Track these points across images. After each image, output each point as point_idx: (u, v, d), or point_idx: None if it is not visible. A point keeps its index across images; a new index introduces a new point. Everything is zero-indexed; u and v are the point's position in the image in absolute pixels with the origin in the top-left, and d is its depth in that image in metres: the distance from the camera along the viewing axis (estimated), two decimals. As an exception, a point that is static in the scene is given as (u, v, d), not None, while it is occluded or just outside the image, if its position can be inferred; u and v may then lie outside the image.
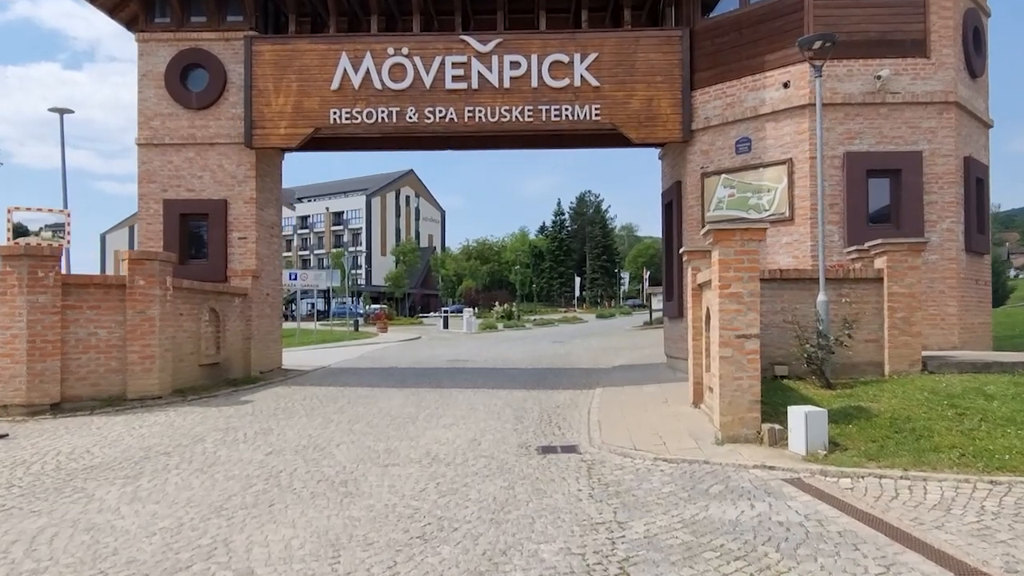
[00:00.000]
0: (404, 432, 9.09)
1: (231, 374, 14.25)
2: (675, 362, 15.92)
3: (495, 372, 16.89)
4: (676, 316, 15.54)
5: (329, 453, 7.85)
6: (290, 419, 10.07)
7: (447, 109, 14.89)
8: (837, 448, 7.09)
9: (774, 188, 13.37)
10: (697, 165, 14.59)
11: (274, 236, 16.76)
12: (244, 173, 15.43)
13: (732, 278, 7.82)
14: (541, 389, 13.44)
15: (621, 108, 14.70)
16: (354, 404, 11.52)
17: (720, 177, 14.17)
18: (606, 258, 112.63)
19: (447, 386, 13.96)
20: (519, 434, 9.00)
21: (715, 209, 14.25)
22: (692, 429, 8.77)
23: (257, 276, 15.40)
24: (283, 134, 15.09)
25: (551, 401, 11.87)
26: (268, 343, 16.25)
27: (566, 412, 10.76)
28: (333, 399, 12.11)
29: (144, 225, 15.49)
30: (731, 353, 7.80)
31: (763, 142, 13.56)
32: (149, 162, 15.49)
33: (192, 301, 12.78)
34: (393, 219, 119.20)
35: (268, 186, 16.32)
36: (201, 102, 15.37)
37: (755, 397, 7.79)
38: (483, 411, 10.82)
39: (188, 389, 12.31)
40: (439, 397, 12.37)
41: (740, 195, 13.86)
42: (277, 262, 16.94)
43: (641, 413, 10.25)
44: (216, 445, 8.24)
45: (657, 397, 11.76)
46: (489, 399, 12.11)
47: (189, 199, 15.42)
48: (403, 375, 16.30)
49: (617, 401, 11.56)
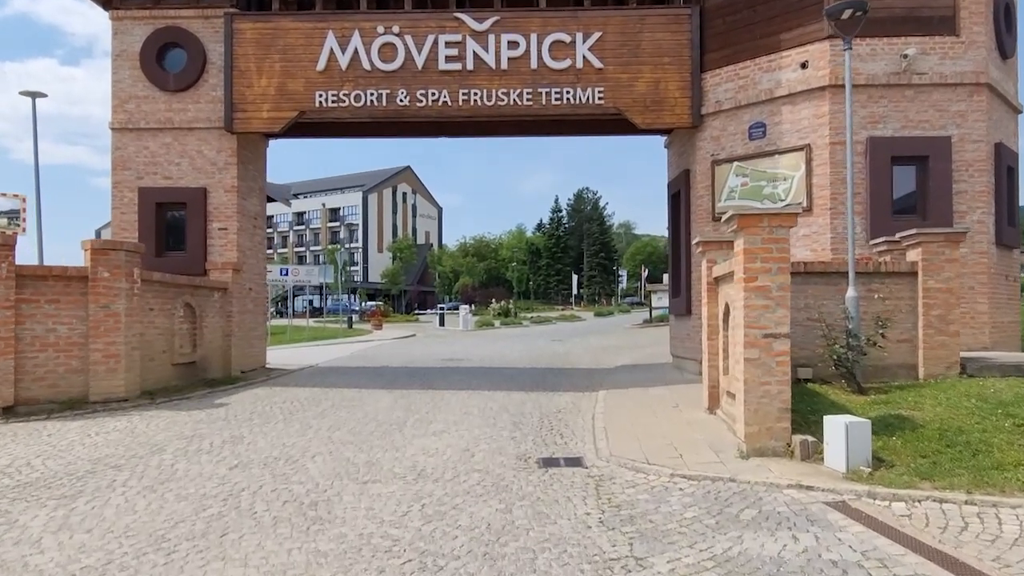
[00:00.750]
0: (389, 441, 8.18)
1: (209, 374, 13.32)
2: (682, 362, 15.03)
3: (491, 372, 15.98)
4: (683, 313, 14.64)
5: (302, 466, 6.93)
6: (265, 425, 9.14)
7: (440, 92, 13.94)
8: (882, 464, 6.19)
9: (791, 176, 12.46)
10: (707, 152, 13.68)
11: (257, 227, 15.82)
12: (224, 160, 14.48)
13: (759, 270, 6.91)
14: (540, 391, 12.53)
15: (626, 91, 13.77)
16: (337, 408, 10.60)
17: (732, 165, 13.26)
18: (604, 255, 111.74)
19: (440, 387, 13.05)
20: (517, 443, 8.09)
21: (727, 199, 13.34)
22: (710, 439, 7.86)
23: (238, 269, 14.45)
24: (266, 118, 14.14)
25: (552, 404, 10.96)
26: (251, 340, 15.32)
27: (568, 417, 9.86)
28: (315, 402, 11.19)
29: (118, 215, 14.53)
30: (757, 355, 6.90)
31: (779, 127, 12.65)
32: (124, 148, 14.53)
33: (164, 295, 11.84)
34: (390, 216, 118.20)
35: (251, 174, 15.37)
36: (179, 84, 14.41)
37: (785, 405, 6.89)
38: (478, 416, 9.91)
39: (159, 390, 11.38)
40: (430, 400, 11.46)
41: (754, 184, 12.95)
42: (261, 255, 16.00)
43: (650, 419, 9.35)
44: (176, 456, 7.32)
45: (666, 401, 10.86)
46: (484, 402, 11.20)
47: (166, 187, 14.47)
48: (394, 375, 15.38)
49: (623, 405, 10.66)
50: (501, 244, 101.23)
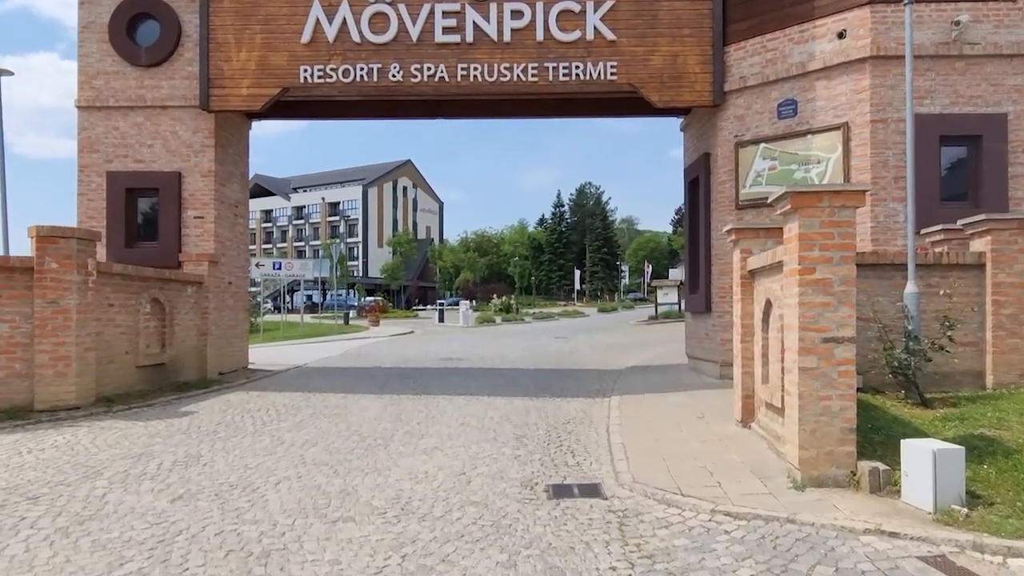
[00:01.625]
0: (371, 461, 6.95)
1: (181, 376, 12.10)
2: (699, 364, 13.79)
3: (492, 374, 14.75)
4: (702, 311, 13.40)
5: (261, 497, 5.71)
6: (230, 439, 7.92)
7: (437, 66, 12.68)
8: (979, 502, 4.96)
9: (825, 159, 11.21)
10: (730, 133, 12.42)
11: (239, 216, 14.58)
12: (201, 141, 13.24)
13: (818, 259, 5.66)
14: (546, 396, 11.31)
15: (641, 66, 12.51)
16: (318, 417, 9.38)
17: (758, 147, 12.00)
18: (607, 251, 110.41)
19: (435, 392, 11.82)
20: (522, 464, 6.88)
21: (752, 185, 12.09)
22: (751, 461, 6.64)
23: (216, 262, 13.22)
24: (245, 95, 12.88)
25: (559, 413, 9.74)
26: (230, 339, 14.09)
27: (579, 429, 8.64)
28: (294, 410, 9.97)
29: (85, 202, 13.30)
30: (815, 363, 5.66)
31: (812, 104, 11.39)
32: (91, 128, 13.29)
33: (128, 290, 10.62)
34: (390, 210, 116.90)
35: (231, 158, 14.13)
36: (151, 58, 13.16)
37: (849, 424, 5.66)
38: (476, 428, 8.69)
39: (120, 396, 10.16)
40: (424, 408, 10.23)
41: (783, 168, 11.69)
42: (242, 246, 14.76)
43: (674, 433, 8.12)
44: (112, 483, 6.09)
45: (688, 410, 9.63)
46: (484, 410, 9.98)
47: (137, 171, 13.24)
48: (386, 377, 14.15)
49: (640, 414, 9.43)
50: (503, 239, 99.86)
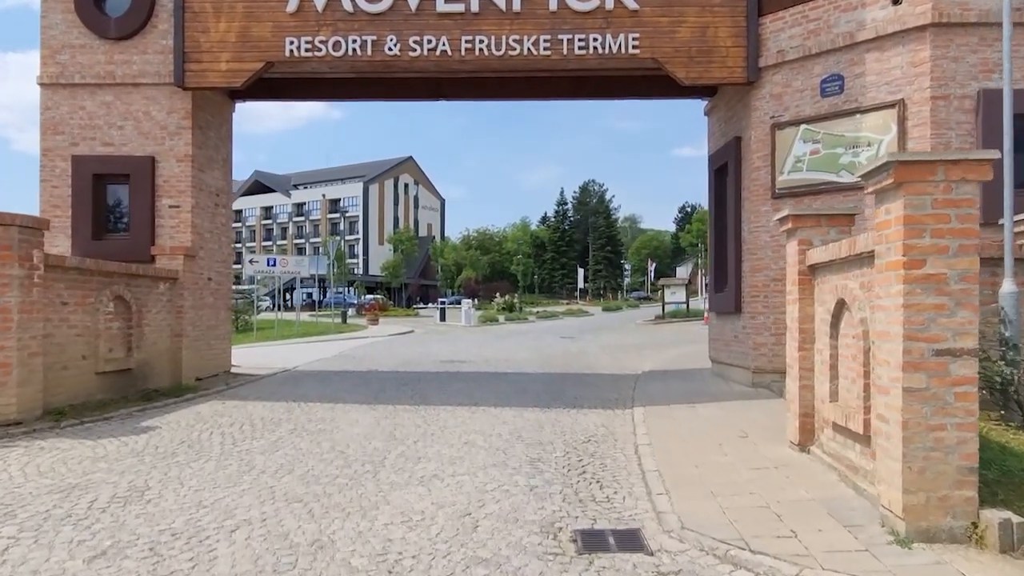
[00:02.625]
0: (356, 495, 5.68)
1: (152, 383, 10.83)
2: (726, 370, 12.51)
3: (498, 379, 13.48)
4: (730, 312, 12.11)
5: (209, 551, 4.44)
6: (190, 464, 6.65)
7: (438, 39, 11.38)
8: None
9: (877, 141, 9.92)
10: (765, 114, 11.13)
11: (220, 206, 13.30)
12: (177, 122, 11.97)
13: (929, 249, 4.38)
14: (560, 407, 10.05)
15: (666, 39, 11.22)
16: (298, 434, 8.11)
17: (799, 128, 10.72)
18: (610, 249, 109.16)
19: (435, 402, 10.55)
20: (539, 499, 5.61)
21: (791, 171, 10.80)
22: (823, 499, 5.35)
23: (192, 255, 11.95)
24: (224, 70, 11.60)
25: (577, 428, 8.47)
26: (209, 341, 12.82)
27: (602, 450, 7.37)
28: (273, 424, 8.70)
29: (48, 188, 12.03)
30: (924, 383, 4.38)
31: (861, 79, 10.10)
32: (55, 108, 12.02)
33: (86, 286, 9.35)
34: (391, 207, 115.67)
35: (211, 142, 12.86)
36: (122, 30, 11.89)
37: (969, 462, 4.38)
38: (483, 448, 7.42)
39: (75, 408, 8.89)
40: (422, 421, 8.96)
41: (828, 151, 10.40)
42: (224, 239, 13.49)
43: (716, 456, 6.84)
44: (23, 531, 4.81)
45: (725, 425, 8.35)
46: (491, 424, 8.71)
47: (106, 156, 11.97)
48: (382, 383, 12.88)
49: (671, 431, 8.15)
50: (505, 237, 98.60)
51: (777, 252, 10.93)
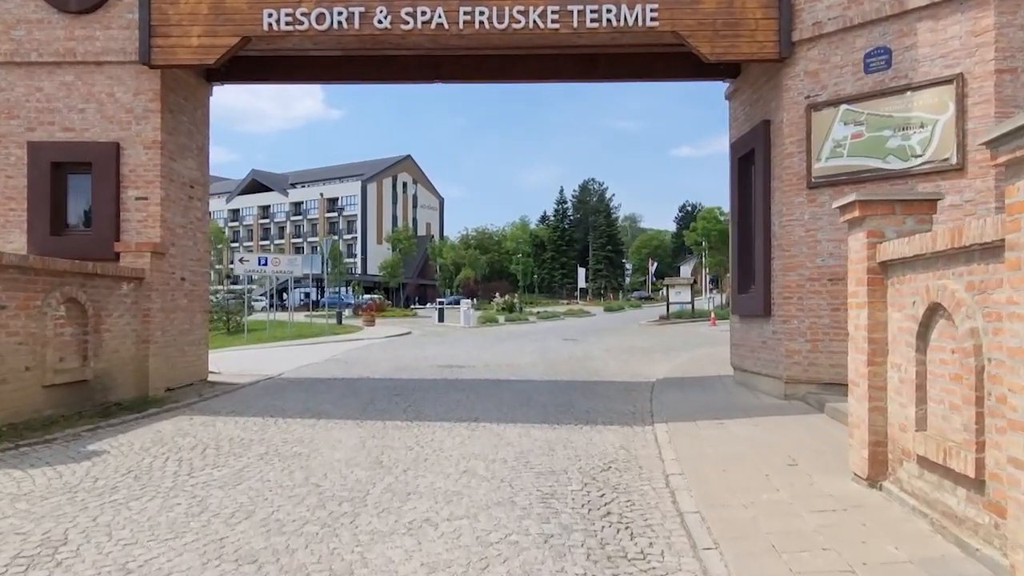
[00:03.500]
0: (327, 550, 4.51)
1: (113, 395, 9.66)
2: (752, 379, 11.34)
3: (500, 388, 12.31)
4: (758, 315, 10.94)
5: (116, 651, 3.27)
6: (130, 504, 5.47)
7: (433, 11, 10.19)
8: None
9: (931, 121, 8.75)
10: (799, 93, 9.96)
11: (195, 199, 12.12)
12: (144, 105, 10.80)
13: (1096, 237, 3.22)
14: (570, 423, 8.88)
15: (688, 10, 10.05)
16: (269, 460, 6.94)
17: (838, 109, 9.55)
18: (611, 248, 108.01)
19: (430, 417, 9.38)
20: (557, 555, 4.44)
21: (830, 157, 9.63)
22: (926, 560, 4.17)
23: (161, 253, 10.78)
24: (196, 46, 10.42)
25: (593, 451, 7.31)
26: (182, 347, 11.65)
27: (627, 481, 6.21)
28: (242, 447, 7.52)
29: (2, 179, 10.86)
30: (1089, 419, 3.22)
31: (912, 52, 8.93)
32: (9, 89, 10.85)
33: (29, 287, 8.17)
34: (390, 206, 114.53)
35: (184, 127, 11.68)
36: (83, 2, 10.71)
37: None
38: (484, 478, 6.25)
39: (16, 427, 7.70)
40: (415, 443, 7.79)
41: (872, 134, 9.23)
42: (200, 235, 12.30)
43: (767, 492, 5.67)
44: None
45: (767, 448, 7.19)
46: (494, 446, 7.54)
47: (65, 142, 10.80)
48: (372, 393, 11.72)
49: (703, 454, 6.99)
50: (505, 236, 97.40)
51: (812, 248, 9.77)
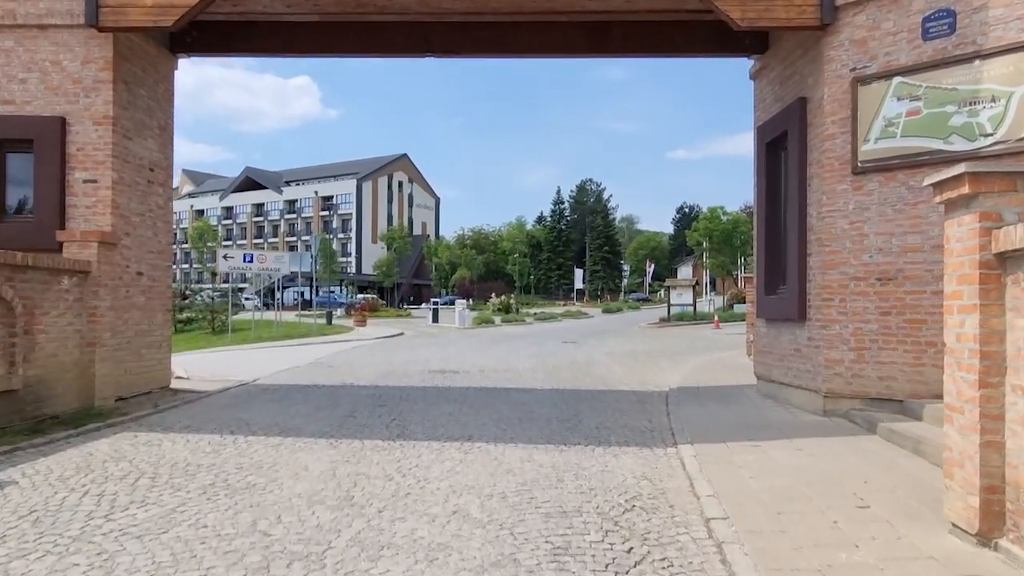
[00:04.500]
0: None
1: (50, 407, 8.34)
2: (781, 391, 10.06)
3: (497, 398, 11.02)
4: (790, 318, 9.66)
5: None
6: (7, 566, 4.17)
7: (425, -32, 8.93)
8: None
9: (1005, 94, 7.48)
10: (843, 65, 8.69)
11: (156, 184, 10.79)
12: (94, 75, 9.48)
13: None
14: (579, 443, 7.59)
15: (717, -32, 8.77)
16: (214, 495, 5.62)
17: (890, 83, 8.28)
18: (608, 249, 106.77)
19: (416, 435, 8.08)
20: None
21: (880, 138, 8.35)
22: None
23: (112, 243, 9.47)
24: (150, 5, 9.07)
25: (610, 482, 6.02)
26: (138, 350, 10.32)
27: (656, 527, 4.93)
28: (185, 476, 6.21)
29: (-69, 158, 9.53)
30: None
31: (981, 14, 7.67)
32: (-60, 55, 9.53)
33: (-63, 280, 6.84)
34: (385, 205, 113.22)
35: (142, 103, 10.36)
36: (25, -42, 9.40)
37: None
38: (479, 523, 4.95)
39: (-86, 448, 6.39)
40: (395, 469, 6.49)
41: (932, 111, 7.97)
42: (161, 224, 10.96)
43: (844, 550, 4.38)
44: None
45: (823, 482, 5.90)
46: (491, 475, 6.25)
47: (4, 116, 9.48)
48: (354, 403, 10.42)
49: (746, 490, 5.70)
50: (501, 236, 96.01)
51: (858, 243, 8.50)
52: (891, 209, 8.25)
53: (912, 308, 8.11)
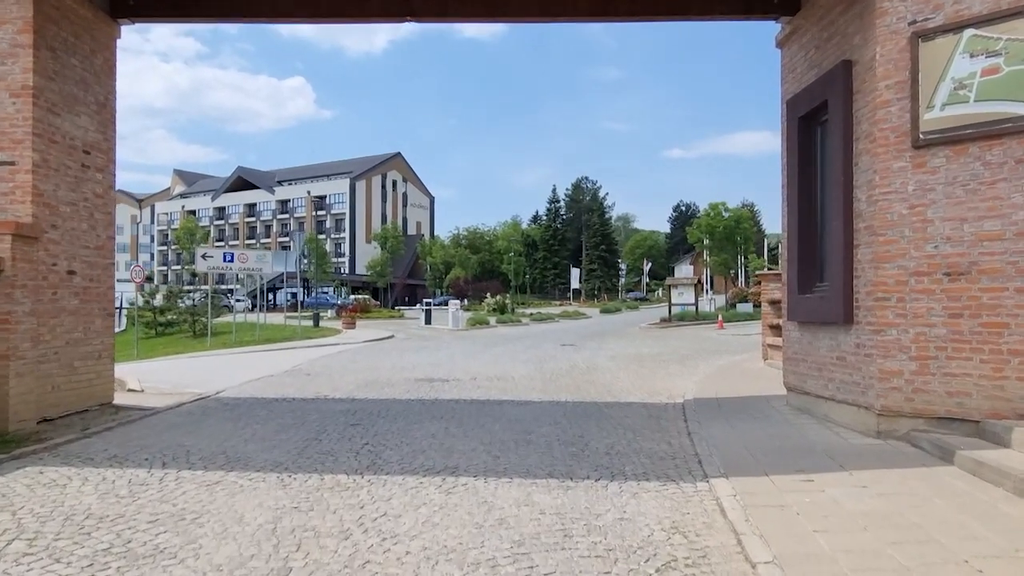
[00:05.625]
0: None
1: (-54, 434, 6.88)
2: (818, 404, 8.64)
3: (489, 414, 9.59)
4: (831, 321, 8.24)
5: None
6: None
7: (399, -94, 7.48)
8: None
9: (1110, 45, 6.08)
10: (900, 19, 7.27)
11: (94, 169, 9.32)
12: (11, 39, 8.03)
13: None
14: (588, 475, 6.16)
15: (748, -96, 7.36)
16: (99, 572, 4.18)
17: (960, 36, 6.87)
18: (604, 248, 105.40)
19: (390, 465, 6.64)
20: None
21: (948, 104, 6.94)
22: None
23: (32, 236, 8.00)
24: (72, -48, 7.65)
25: (634, 539, 4.59)
26: (71, 362, 8.85)
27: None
28: (76, 536, 4.76)
29: None
30: None
31: (1077, -51, 6.27)
32: None
33: None
34: (379, 204, 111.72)
35: (75, 74, 8.90)
36: (-73, -100, 7.94)
37: None
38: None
39: None
40: (356, 521, 5.05)
41: (1016, 68, 6.56)
42: (100, 216, 9.47)
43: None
44: None
45: (913, 537, 4.49)
46: (477, 531, 4.81)
47: (-97, 87, 8.02)
48: (323, 421, 8.98)
49: (817, 554, 4.28)
50: (496, 235, 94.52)
51: (920, 231, 7.09)
52: (962, 189, 6.84)
53: (990, 309, 6.70)
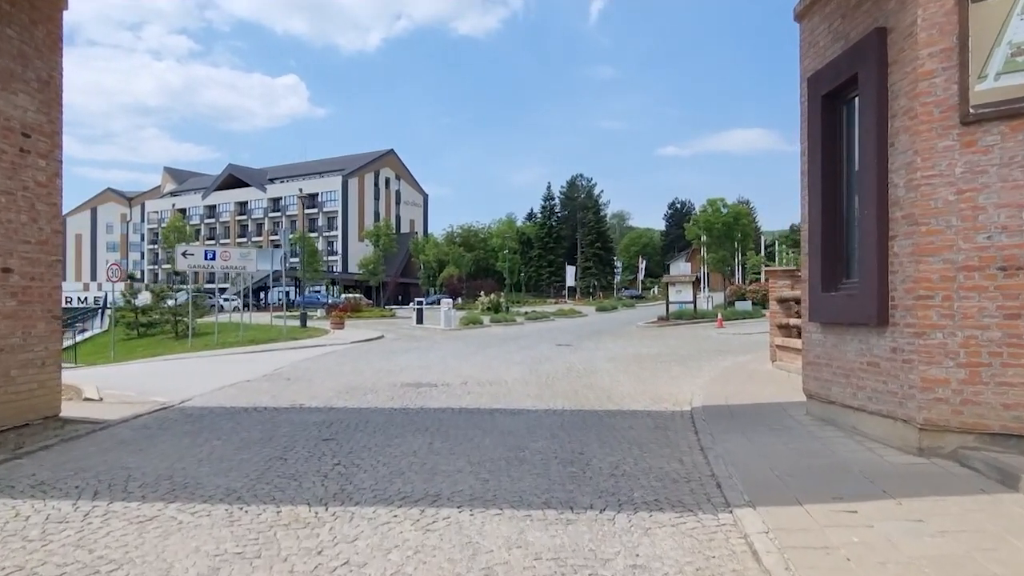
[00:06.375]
0: None
1: None
2: (845, 415, 7.73)
3: (479, 425, 8.64)
4: (861, 322, 7.32)
5: None
6: None
7: None
8: None
9: None
10: (946, -23, 6.36)
11: (35, 155, 8.32)
12: (-70, 4, 7.03)
13: None
14: (590, 503, 5.23)
15: None
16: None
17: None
18: (600, 245, 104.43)
19: (361, 492, 5.69)
20: None
21: (1005, 71, 6.02)
22: None
23: (-45, 229, 7.02)
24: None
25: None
26: (6, 372, 7.84)
27: None
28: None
29: None
30: None
31: None
32: None
33: None
34: (372, 202, 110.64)
35: (12, 47, 7.90)
36: None
37: None
38: None
39: None
40: (310, 572, 4.11)
41: (1087, 28, 5.65)
42: (42, 207, 8.46)
43: None
44: None
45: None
46: (457, 588, 3.89)
47: None
48: (293, 436, 8.03)
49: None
50: (491, 233, 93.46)
51: (970, 220, 6.18)
52: (1020, 171, 5.94)
53: (1056, 309, 5.80)
